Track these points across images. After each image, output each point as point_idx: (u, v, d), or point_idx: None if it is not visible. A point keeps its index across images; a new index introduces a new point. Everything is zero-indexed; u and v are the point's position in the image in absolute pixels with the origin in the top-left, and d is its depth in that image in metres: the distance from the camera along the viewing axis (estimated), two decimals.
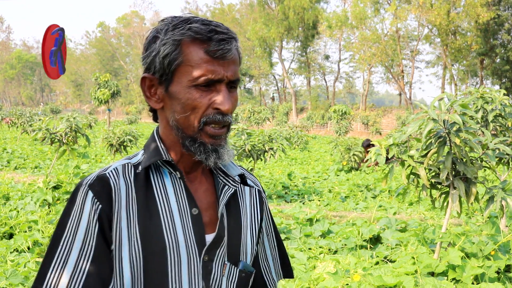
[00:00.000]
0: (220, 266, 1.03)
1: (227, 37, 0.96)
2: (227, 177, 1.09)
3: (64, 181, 6.95)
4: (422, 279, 3.58)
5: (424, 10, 37.52)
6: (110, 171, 1.00)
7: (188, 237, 0.99)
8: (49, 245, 0.97)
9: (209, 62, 0.95)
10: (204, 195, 1.06)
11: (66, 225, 0.97)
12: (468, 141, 3.56)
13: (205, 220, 1.03)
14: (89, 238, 0.95)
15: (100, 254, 0.95)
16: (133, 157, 1.06)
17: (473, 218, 6.53)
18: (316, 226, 5.60)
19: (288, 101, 54.68)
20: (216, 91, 0.97)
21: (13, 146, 16.64)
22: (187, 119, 0.97)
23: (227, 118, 0.98)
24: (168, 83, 0.98)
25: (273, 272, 1.24)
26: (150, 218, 0.98)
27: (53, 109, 46.77)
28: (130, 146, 10.88)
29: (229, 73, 0.98)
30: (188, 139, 0.99)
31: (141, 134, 26.05)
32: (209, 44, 0.95)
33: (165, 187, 1.01)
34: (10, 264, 4.07)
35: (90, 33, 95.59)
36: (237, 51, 0.99)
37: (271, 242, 1.25)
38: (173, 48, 0.95)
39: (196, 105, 0.96)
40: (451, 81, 43.23)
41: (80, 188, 0.98)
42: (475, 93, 4.82)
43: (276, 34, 49.58)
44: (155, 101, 1.01)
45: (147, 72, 1.00)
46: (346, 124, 24.91)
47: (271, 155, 8.02)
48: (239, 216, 1.10)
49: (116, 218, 0.96)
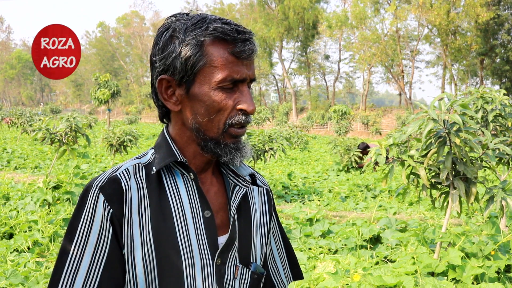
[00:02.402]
0: (232, 269, 1.01)
1: (250, 36, 0.95)
2: (238, 177, 1.06)
3: (64, 181, 6.94)
4: (422, 279, 3.58)
5: (424, 10, 37.51)
6: (121, 171, 0.97)
7: (201, 240, 0.98)
8: (60, 250, 0.95)
9: (234, 62, 0.94)
10: (215, 196, 1.04)
11: (77, 229, 0.94)
12: (468, 141, 3.56)
13: (217, 222, 1.01)
14: (102, 243, 0.93)
15: (114, 259, 0.93)
16: (142, 156, 1.03)
17: (473, 218, 6.52)
18: (316, 226, 5.60)
19: (288, 101, 54.66)
20: (239, 91, 0.96)
21: (13, 146, 16.63)
22: (211, 121, 0.95)
23: (249, 118, 0.97)
24: (189, 85, 0.95)
25: (282, 274, 1.22)
26: (164, 220, 0.96)
27: (53, 109, 46.74)
28: (130, 146, 10.87)
29: (251, 72, 0.97)
30: (212, 142, 0.97)
31: (141, 134, 26.06)
32: (234, 45, 0.93)
33: (178, 188, 0.99)
34: (10, 264, 4.06)
35: (90, 33, 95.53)
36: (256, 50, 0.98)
37: (278, 243, 1.23)
38: (197, 49, 0.92)
39: (222, 107, 0.94)
40: (451, 81, 43.23)
41: (90, 190, 0.95)
42: (475, 93, 4.82)
43: (276, 34, 49.56)
44: (173, 103, 0.98)
45: (164, 73, 0.96)
46: (346, 124, 24.90)
47: (271, 155, 8.02)
48: (249, 217, 1.09)
49: (127, 222, 0.94)
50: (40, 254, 4.55)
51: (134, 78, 75.93)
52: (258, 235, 1.10)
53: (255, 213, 1.11)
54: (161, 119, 1.05)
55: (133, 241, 0.94)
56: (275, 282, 1.20)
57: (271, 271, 1.20)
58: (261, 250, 1.11)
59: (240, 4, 64.50)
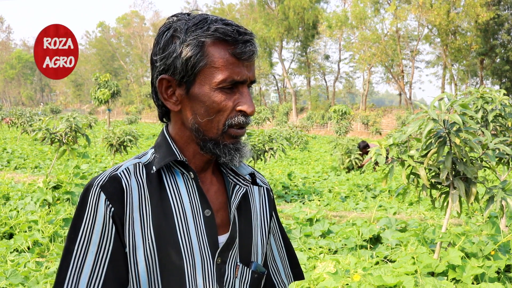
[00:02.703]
0: (233, 268, 1.02)
1: (251, 38, 0.95)
2: (237, 176, 1.07)
3: (64, 181, 6.95)
4: (422, 279, 3.58)
5: (424, 10, 37.52)
6: (122, 170, 0.98)
7: (201, 239, 0.98)
8: (63, 250, 0.95)
9: (234, 63, 0.94)
10: (215, 195, 1.04)
11: (80, 228, 0.94)
12: (468, 141, 3.56)
13: (217, 221, 1.02)
14: (105, 242, 0.93)
15: (117, 258, 0.94)
16: (143, 156, 1.03)
17: (473, 218, 6.52)
18: (316, 226, 5.60)
19: (288, 101, 54.67)
20: (239, 92, 0.96)
21: (13, 146, 16.63)
22: (210, 122, 0.96)
23: (249, 119, 0.98)
24: (190, 85, 0.95)
25: (282, 274, 1.22)
26: (165, 219, 0.96)
27: (53, 109, 46.76)
28: (130, 146, 10.87)
29: (251, 73, 0.97)
30: (211, 142, 0.97)
31: (141, 134, 26.06)
32: (235, 46, 0.93)
33: (178, 187, 0.99)
34: (10, 264, 4.06)
35: (90, 33, 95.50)
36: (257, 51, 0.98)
37: (279, 243, 1.23)
38: (197, 50, 0.92)
39: (222, 108, 0.94)
40: (451, 81, 43.24)
41: (91, 189, 0.95)
42: (475, 93, 4.82)
43: (276, 34, 49.57)
44: (173, 103, 0.98)
45: (164, 73, 0.96)
46: (346, 124, 24.92)
47: (271, 155, 8.02)
48: (250, 216, 1.09)
49: (129, 221, 0.94)
50: (40, 254, 4.55)
51: (134, 78, 75.95)
52: (259, 234, 1.10)
53: (255, 212, 1.11)
54: (160, 118, 1.05)
55: (135, 240, 0.94)
56: (276, 282, 1.20)
57: (272, 271, 1.20)
58: (261, 249, 1.11)
59: (240, 4, 64.56)
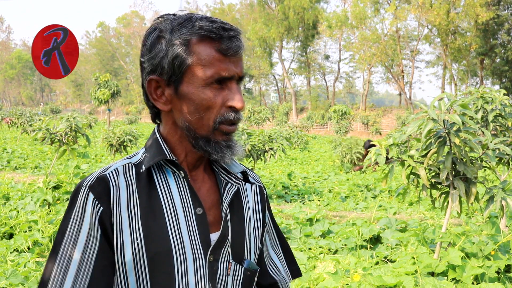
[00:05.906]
0: (225, 266, 1.02)
1: (236, 33, 0.95)
2: (229, 174, 1.07)
3: (64, 181, 6.95)
4: (422, 279, 3.58)
5: (423, 10, 37.52)
6: (110, 171, 0.98)
7: (193, 237, 0.98)
8: (51, 250, 0.95)
9: (221, 60, 0.93)
10: (207, 193, 1.05)
11: (67, 228, 0.94)
12: (468, 141, 3.56)
13: (209, 219, 1.02)
14: (92, 242, 0.93)
15: (103, 258, 0.93)
16: (133, 156, 1.04)
17: (473, 218, 6.53)
18: (316, 226, 5.60)
19: (288, 101, 54.67)
20: (228, 88, 0.96)
21: (13, 146, 16.63)
22: (201, 120, 0.96)
23: (240, 115, 0.98)
24: (178, 84, 0.95)
25: (282, 272, 1.22)
26: (155, 218, 0.96)
27: (53, 109, 46.81)
28: (130, 146, 10.88)
29: (239, 69, 0.97)
30: (202, 140, 0.97)
31: (141, 134, 26.05)
32: (220, 42, 0.93)
33: (169, 186, 0.99)
34: (10, 264, 4.06)
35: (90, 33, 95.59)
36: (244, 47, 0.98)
37: (273, 240, 1.23)
38: (183, 49, 0.93)
39: (211, 105, 0.95)
40: (451, 81, 43.25)
41: (80, 190, 0.96)
42: (475, 93, 4.82)
43: (276, 34, 49.57)
44: (163, 103, 0.98)
45: (152, 73, 0.97)
46: (346, 124, 24.93)
47: (271, 155, 8.02)
48: (242, 214, 1.09)
49: (117, 221, 0.94)
50: (40, 254, 4.55)
51: (134, 78, 75.90)
52: (252, 232, 1.11)
53: (248, 210, 1.11)
54: (153, 119, 1.05)
55: (123, 240, 0.94)
56: (277, 279, 1.20)
57: (270, 268, 1.20)
58: (254, 247, 1.11)
59: (240, 4, 64.61)
